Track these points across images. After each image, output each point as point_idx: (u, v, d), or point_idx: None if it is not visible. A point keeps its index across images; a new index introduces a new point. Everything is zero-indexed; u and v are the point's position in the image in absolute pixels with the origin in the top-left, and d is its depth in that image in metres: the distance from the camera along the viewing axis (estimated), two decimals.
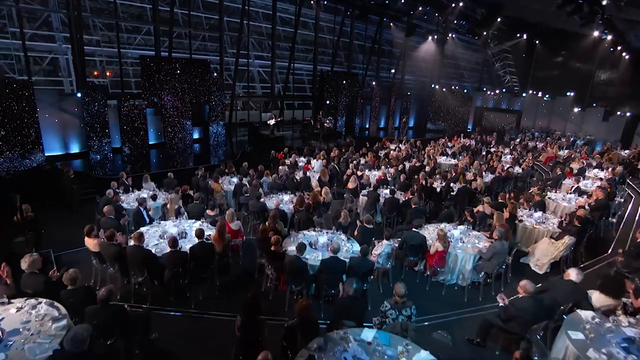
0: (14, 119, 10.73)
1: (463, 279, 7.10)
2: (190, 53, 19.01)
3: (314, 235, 7.24)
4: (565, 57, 27.54)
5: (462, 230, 7.79)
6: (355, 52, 28.67)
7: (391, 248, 6.72)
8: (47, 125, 12.55)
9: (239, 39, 20.17)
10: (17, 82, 10.98)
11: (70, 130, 13.18)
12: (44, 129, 12.39)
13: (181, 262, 5.90)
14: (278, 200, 8.62)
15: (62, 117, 12.95)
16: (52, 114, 12.66)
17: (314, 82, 24.13)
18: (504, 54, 37.63)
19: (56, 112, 12.77)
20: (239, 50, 20.33)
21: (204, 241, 6.27)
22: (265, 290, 6.64)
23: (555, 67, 28.41)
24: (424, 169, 13.63)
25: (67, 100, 13.31)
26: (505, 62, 38.49)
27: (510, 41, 30.03)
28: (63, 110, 12.96)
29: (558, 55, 27.90)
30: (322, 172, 11.46)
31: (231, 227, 7.20)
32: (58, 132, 12.90)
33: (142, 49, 20.28)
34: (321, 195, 9.41)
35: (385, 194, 10.38)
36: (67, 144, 13.17)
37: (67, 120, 13.10)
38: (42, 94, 12.63)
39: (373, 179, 12.06)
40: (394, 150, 16.94)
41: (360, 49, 29.23)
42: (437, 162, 14.95)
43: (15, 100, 10.67)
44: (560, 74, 27.76)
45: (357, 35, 27.92)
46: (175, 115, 14.85)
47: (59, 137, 12.93)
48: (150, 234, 7.05)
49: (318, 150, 15.11)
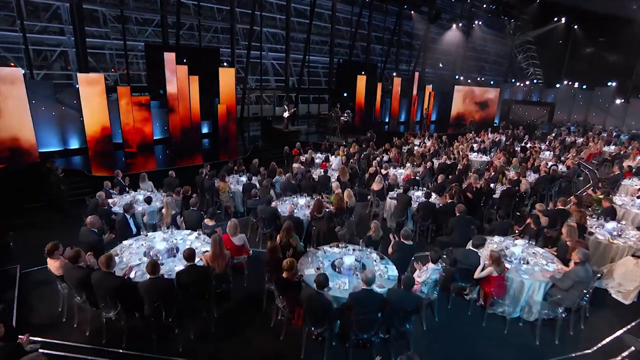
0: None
1: (529, 312, 5.35)
2: (200, 43, 17.48)
3: (337, 253, 5.59)
4: (606, 44, 24.77)
5: (522, 245, 6.01)
6: (373, 44, 26.75)
7: (439, 274, 5.02)
8: (43, 119, 11.20)
9: (250, 30, 18.53)
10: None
11: (69, 124, 11.81)
12: (40, 123, 11.05)
13: (164, 293, 4.33)
14: (292, 206, 6.99)
15: (59, 110, 11.57)
16: (49, 107, 11.30)
17: (330, 74, 22.38)
18: (527, 46, 35.09)
19: (53, 105, 11.40)
20: (250, 41, 18.71)
21: (195, 265, 4.68)
22: (275, 324, 5.04)
23: (595, 55, 25.62)
24: (456, 167, 11.84)
25: (65, 92, 11.93)
26: (528, 53, 35.95)
27: (543, 27, 27.06)
28: (61, 102, 11.57)
29: (598, 41, 25.08)
30: (341, 170, 9.78)
31: (233, 242, 5.61)
32: (55, 126, 11.54)
33: (154, 42, 19.00)
34: (344, 199, 7.74)
35: (418, 197, 8.67)
36: (65, 139, 11.82)
37: (65, 113, 11.72)
38: (36, 85, 11.28)
39: (400, 178, 10.34)
40: (418, 145, 15.14)
41: (379, 41, 27.28)
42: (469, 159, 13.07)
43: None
44: (600, 63, 25.04)
45: (375, 27, 26.03)
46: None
47: (56, 132, 11.58)
48: (133, 249, 5.52)
49: (337, 145, 13.44)
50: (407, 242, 5.52)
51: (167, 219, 6.46)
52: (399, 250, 5.51)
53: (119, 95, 11.58)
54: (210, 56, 15.58)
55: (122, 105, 11.86)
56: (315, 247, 5.76)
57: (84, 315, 4.86)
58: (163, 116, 13.46)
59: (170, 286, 4.44)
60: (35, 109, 10.87)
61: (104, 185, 8.34)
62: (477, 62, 31.88)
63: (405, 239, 5.53)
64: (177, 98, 12.78)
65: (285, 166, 12.31)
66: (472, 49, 29.29)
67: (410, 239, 5.57)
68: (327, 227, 6.08)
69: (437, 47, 27.92)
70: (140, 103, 12.32)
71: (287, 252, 5.34)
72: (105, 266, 4.29)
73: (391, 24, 26.65)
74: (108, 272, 4.32)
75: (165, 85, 12.52)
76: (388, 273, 5.11)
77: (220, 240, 5.00)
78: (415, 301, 4.35)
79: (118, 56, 19.18)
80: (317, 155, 12.66)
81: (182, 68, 12.84)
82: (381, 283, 4.85)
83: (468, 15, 25.48)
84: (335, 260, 5.33)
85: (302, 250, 5.69)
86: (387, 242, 6.01)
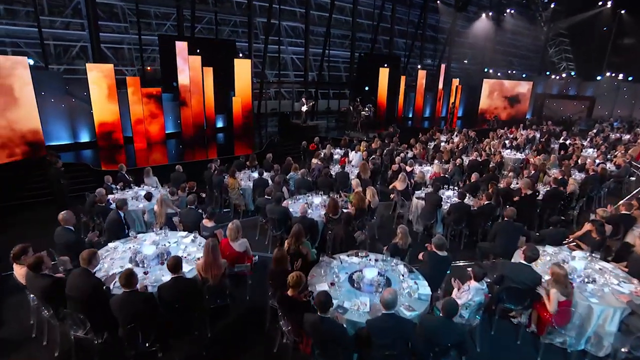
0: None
1: (598, 345, 4.19)
2: (216, 34, 16.75)
3: (356, 264, 4.59)
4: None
5: (583, 258, 4.83)
6: (397, 38, 25.42)
7: (484, 295, 3.94)
8: (52, 111, 10.67)
9: (268, 22, 17.64)
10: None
11: (79, 117, 11.25)
12: (49, 115, 10.54)
13: (140, 312, 3.45)
14: (305, 206, 6.02)
15: (69, 103, 11.02)
16: (58, 99, 10.76)
17: (351, 69, 21.29)
18: (560, 39, 32.80)
19: (63, 97, 10.86)
20: (267, 34, 17.84)
21: (181, 277, 3.79)
22: (279, 350, 4.10)
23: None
24: (488, 164, 10.58)
25: (75, 83, 11.39)
26: (561, 47, 33.64)
27: (583, 14, 24.52)
28: (71, 94, 11.03)
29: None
30: (362, 166, 8.73)
31: (233, 248, 4.69)
32: (65, 118, 11.00)
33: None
34: (366, 198, 6.71)
35: (448, 197, 7.54)
36: (75, 133, 11.28)
37: (76, 106, 11.17)
38: (46, 77, 10.76)
39: (427, 176, 9.20)
40: (445, 142, 13.89)
41: (402, 35, 25.93)
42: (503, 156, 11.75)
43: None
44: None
45: (398, 20, 24.72)
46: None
47: (66, 125, 11.04)
48: (118, 254, 4.69)
49: (357, 140, 12.37)
50: (441, 253, 4.45)
51: (160, 218, 5.63)
52: (431, 263, 4.45)
53: (127, 86, 10.90)
54: (226, 48, 14.79)
55: (130, 96, 11.16)
56: (330, 256, 4.77)
57: (54, 332, 4.06)
58: (176, 109, 12.77)
59: (150, 303, 3.55)
60: (44, 101, 10.42)
61: (105, 179, 7.66)
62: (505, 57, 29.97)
63: (438, 249, 4.45)
64: (189, 90, 12.04)
65: (302, 162, 11.38)
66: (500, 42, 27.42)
67: (445, 249, 4.49)
68: (345, 232, 5.06)
69: (464, 40, 26.30)
70: (151, 95, 11.63)
71: (295, 262, 4.38)
72: (85, 262, 3.49)
73: (415, 17, 25.26)
74: (85, 271, 3.49)
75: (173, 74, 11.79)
76: (419, 291, 4.07)
77: (213, 246, 4.09)
78: (458, 334, 3.30)
79: (138, 51, 18.78)
80: (336, 151, 11.68)
81: (195, 59, 12.10)
82: (410, 304, 3.83)
83: (497, 5, 23.75)
84: (354, 273, 4.33)
85: (315, 259, 4.72)
86: (416, 250, 4.97)
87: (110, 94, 10.78)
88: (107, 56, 18.51)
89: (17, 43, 16.34)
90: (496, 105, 21.74)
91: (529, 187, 7.21)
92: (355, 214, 6.25)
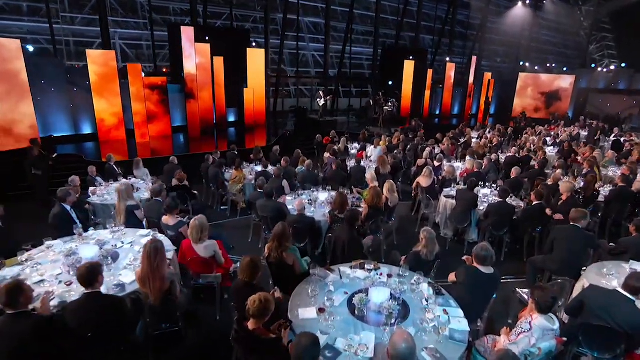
0: None
1: None
2: (232, 21, 15.77)
3: (360, 280, 3.24)
4: None
5: None
6: (423, 34, 23.75)
7: (555, 338, 2.48)
8: (52, 101, 9.95)
9: (284, 17, 16.55)
10: None
11: (81, 107, 10.47)
12: (48, 105, 9.83)
13: (31, 342, 2.25)
14: (303, 201, 4.73)
15: (71, 93, 10.27)
16: (59, 89, 10.04)
17: (374, 65, 19.88)
18: (602, 34, 29.94)
19: (64, 86, 10.13)
20: (284, 29, 16.74)
21: (96, 294, 2.57)
22: None
23: None
24: (528, 161, 8.96)
25: (77, 72, 10.66)
26: (603, 43, 30.75)
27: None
28: (72, 83, 10.28)
29: None
30: (380, 160, 7.33)
31: (196, 252, 3.45)
32: (66, 109, 10.26)
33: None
34: (383, 194, 5.34)
35: (485, 195, 6.04)
36: (77, 124, 10.53)
37: (77, 96, 10.40)
38: (45, 64, 10.06)
39: (457, 173, 7.70)
40: (477, 138, 12.25)
41: (429, 31, 24.22)
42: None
43: None
44: None
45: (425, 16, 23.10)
46: None
47: (67, 116, 10.30)
48: (50, 256, 3.57)
49: (377, 135, 10.97)
50: (485, 270, 3.01)
51: (119, 215, 4.47)
52: (470, 281, 3.03)
53: (128, 74, 9.99)
54: (239, 37, 13.65)
55: (132, 86, 10.24)
56: (327, 268, 3.44)
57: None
58: (183, 101, 11.83)
59: (40, 331, 2.34)
60: (44, 91, 9.71)
61: (89, 171, 6.71)
62: (543, 47, 27.53)
63: (481, 262, 3.02)
64: (196, 79, 11.04)
65: (317, 157, 10.13)
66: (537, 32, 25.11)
67: (491, 263, 3.05)
68: (349, 234, 3.72)
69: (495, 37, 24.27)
70: (154, 86, 10.68)
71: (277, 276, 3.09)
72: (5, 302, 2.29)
73: (443, 12, 23.54)
74: (16, 315, 2.32)
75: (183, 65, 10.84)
76: (450, 326, 2.67)
77: (154, 249, 2.84)
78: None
79: (158, 47, 18.22)
80: (353, 145, 10.36)
81: (203, 47, 11.12)
82: (437, 349, 2.44)
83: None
84: (356, 294, 2.98)
85: (304, 270, 3.40)
86: (446, 262, 3.56)
87: (111, 83, 9.92)
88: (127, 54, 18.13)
89: (40, 40, 16.11)
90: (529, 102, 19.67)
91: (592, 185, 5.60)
92: (369, 214, 4.91)
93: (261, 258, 3.09)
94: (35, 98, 8.85)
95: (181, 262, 3.53)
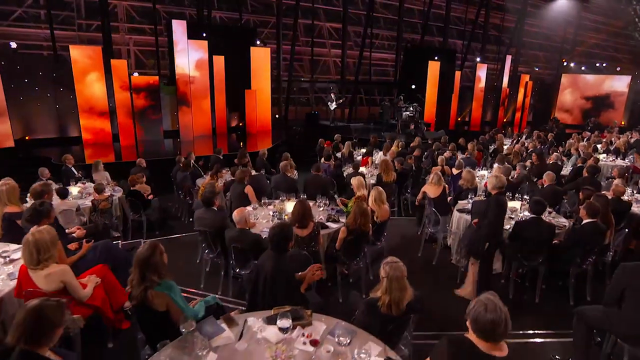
0: None
1: None
2: (241, 18, 14.90)
3: (271, 345, 1.87)
4: None
5: None
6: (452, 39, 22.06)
7: None
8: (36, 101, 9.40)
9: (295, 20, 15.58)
10: None
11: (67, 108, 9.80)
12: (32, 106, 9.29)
13: None
14: (245, 211, 3.45)
15: (57, 93, 9.68)
16: (45, 88, 9.48)
17: (397, 69, 18.44)
18: None
19: (50, 85, 9.56)
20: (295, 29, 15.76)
21: None
22: None
23: None
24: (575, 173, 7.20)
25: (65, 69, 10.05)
26: None
27: None
28: (59, 83, 9.67)
29: None
30: (383, 164, 5.93)
31: (35, 283, 2.24)
32: (51, 111, 9.66)
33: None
34: (366, 203, 3.96)
35: (513, 210, 4.47)
36: (63, 126, 9.85)
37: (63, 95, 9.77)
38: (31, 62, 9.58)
39: (481, 183, 6.09)
40: (510, 144, 10.51)
41: (459, 35, 22.50)
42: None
43: None
44: None
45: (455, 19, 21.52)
46: None
47: (52, 117, 9.68)
48: None
49: (390, 140, 9.51)
50: (487, 350, 1.57)
51: None
52: None
53: (112, 71, 9.19)
54: (242, 35, 12.63)
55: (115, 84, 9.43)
56: (229, 315, 2.10)
57: None
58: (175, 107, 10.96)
59: None
60: (27, 89, 9.18)
61: (40, 173, 5.89)
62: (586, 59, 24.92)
63: (482, 335, 1.58)
64: (189, 81, 10.15)
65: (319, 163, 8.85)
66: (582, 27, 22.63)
67: (502, 335, 1.60)
68: (274, 263, 2.37)
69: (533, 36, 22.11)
70: (139, 88, 9.85)
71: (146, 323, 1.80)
72: None
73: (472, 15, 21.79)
74: None
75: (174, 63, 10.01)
76: None
77: None
78: None
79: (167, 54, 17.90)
80: (360, 152, 9.01)
81: (200, 44, 10.28)
82: None
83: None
84: None
85: (196, 319, 2.08)
86: (449, 308, 2.12)
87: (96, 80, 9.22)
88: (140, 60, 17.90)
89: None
90: (573, 106, 17.42)
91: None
92: (347, 239, 3.55)
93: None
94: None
95: (18, 297, 2.33)
